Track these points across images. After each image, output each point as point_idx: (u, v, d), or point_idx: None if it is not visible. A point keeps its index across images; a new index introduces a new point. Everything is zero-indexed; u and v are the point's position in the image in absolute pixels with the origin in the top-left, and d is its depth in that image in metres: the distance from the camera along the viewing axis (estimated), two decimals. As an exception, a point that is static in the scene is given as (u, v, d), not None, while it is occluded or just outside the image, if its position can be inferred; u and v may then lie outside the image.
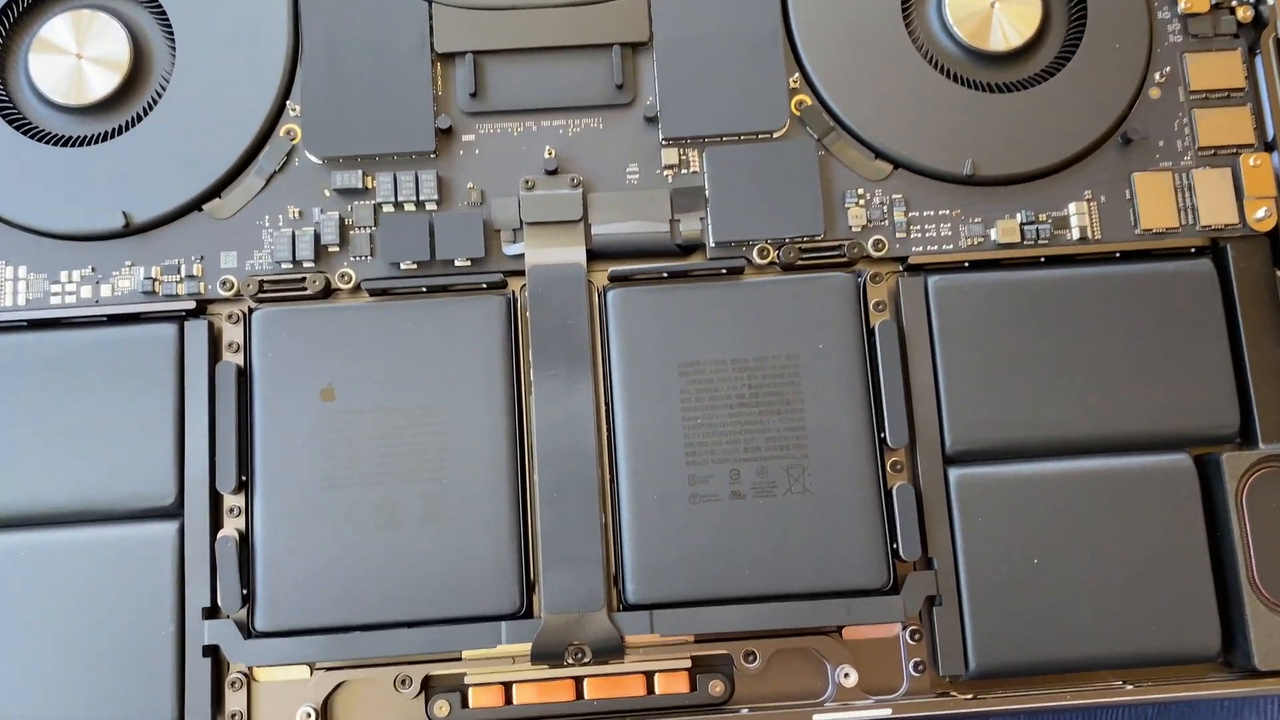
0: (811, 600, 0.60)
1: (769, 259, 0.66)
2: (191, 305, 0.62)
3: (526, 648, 0.58)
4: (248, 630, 0.62)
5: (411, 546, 0.62)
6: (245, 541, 0.62)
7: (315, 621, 0.61)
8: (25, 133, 0.67)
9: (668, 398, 0.64)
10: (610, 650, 0.61)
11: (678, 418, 0.64)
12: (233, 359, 0.61)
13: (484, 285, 0.65)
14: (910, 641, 0.63)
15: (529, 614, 0.60)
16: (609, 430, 0.64)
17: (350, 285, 0.63)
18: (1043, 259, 0.66)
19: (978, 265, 0.64)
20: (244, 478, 0.63)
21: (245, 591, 0.61)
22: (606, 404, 0.65)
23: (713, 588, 0.62)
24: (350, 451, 0.63)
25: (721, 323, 0.65)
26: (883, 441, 0.64)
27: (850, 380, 0.64)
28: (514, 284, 0.64)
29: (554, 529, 0.62)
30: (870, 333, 0.65)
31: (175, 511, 0.60)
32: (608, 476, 0.64)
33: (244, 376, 0.62)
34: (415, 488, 0.62)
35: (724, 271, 0.66)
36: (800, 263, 0.66)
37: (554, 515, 0.62)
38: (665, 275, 0.66)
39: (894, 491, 0.63)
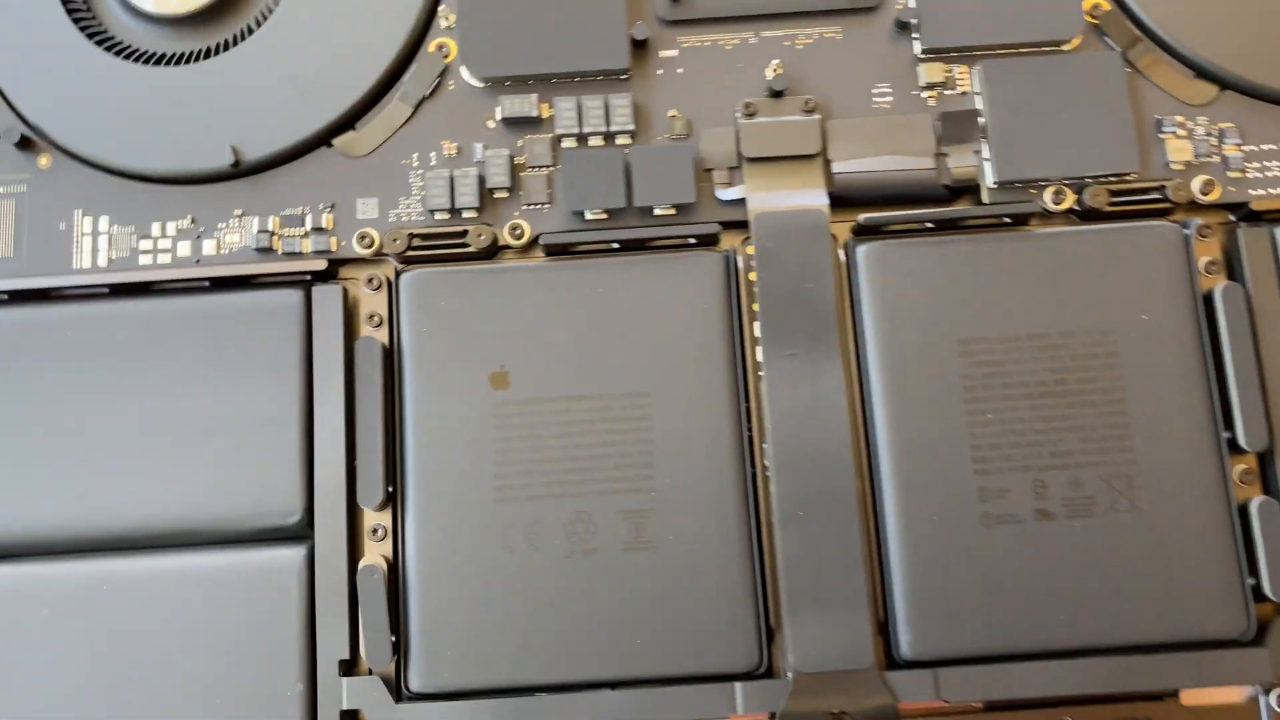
0: (1145, 655, 0.47)
1: (1065, 204, 0.51)
2: (321, 266, 0.48)
3: (772, 714, 0.46)
4: (398, 691, 0.47)
5: (612, 581, 0.47)
6: (394, 572, 0.47)
7: (488, 680, 0.46)
8: (108, 49, 0.53)
9: (945, 385, 0.48)
10: (882, 718, 0.45)
11: (960, 411, 0.48)
12: (375, 335, 0.46)
13: (693, 240, 0.50)
14: (1275, 707, 0.47)
15: (769, 673, 0.46)
16: (866, 427, 0.49)
17: (523, 241, 0.49)
18: None
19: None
20: (391, 489, 0.48)
21: (395, 639, 0.46)
22: (861, 393, 0.49)
23: (1013, 639, 0.47)
24: (529, 455, 0.48)
25: (1012, 287, 0.50)
26: (1230, 443, 0.48)
27: (1184, 362, 0.49)
28: (732, 239, 0.49)
29: (799, 559, 0.47)
30: (1207, 301, 0.49)
31: (303, 533, 0.47)
32: (867, 489, 0.48)
33: (390, 358, 0.48)
34: (614, 502, 0.47)
35: (1007, 221, 0.51)
36: (1108, 209, 0.51)
37: (798, 540, 0.47)
38: (930, 225, 0.51)
39: (1251, 508, 0.47)
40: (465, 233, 0.50)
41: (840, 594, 0.47)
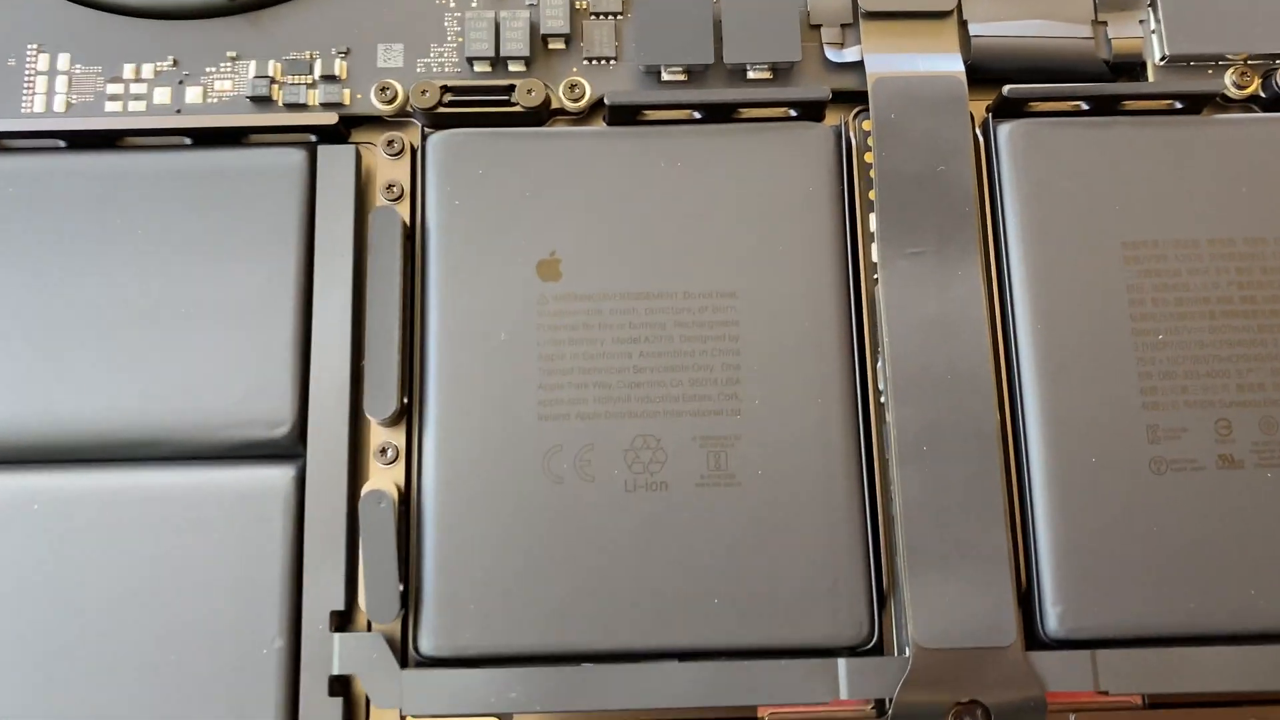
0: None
1: (1249, 89, 0.41)
2: (330, 121, 0.38)
3: (881, 700, 0.37)
4: (405, 653, 0.37)
5: (683, 524, 0.37)
6: (406, 505, 0.37)
7: (520, 644, 0.36)
8: None
9: (1106, 297, 0.39)
10: (1025, 711, 0.35)
11: (1124, 330, 0.38)
12: (394, 208, 0.37)
13: (795, 111, 0.40)
14: None
15: (880, 648, 0.35)
16: (1007, 346, 0.39)
17: (583, 103, 0.38)
18: None
19: None
20: (408, 399, 0.38)
21: (404, 588, 0.36)
22: (1002, 303, 0.39)
23: (1190, 617, 0.37)
24: (584, 363, 0.38)
25: (1187, 182, 0.40)
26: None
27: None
28: (843, 111, 0.39)
29: (922, 506, 0.37)
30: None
31: (292, 449, 0.38)
32: (1008, 423, 0.38)
33: (412, 237, 0.38)
34: (690, 426, 0.38)
35: (1178, 106, 0.41)
36: (1305, 95, 0.41)
37: (921, 483, 0.37)
38: (1085, 106, 0.41)
39: None
40: (512, 89, 0.40)
41: (974, 552, 0.37)
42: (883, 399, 0.38)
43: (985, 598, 0.36)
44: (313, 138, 0.41)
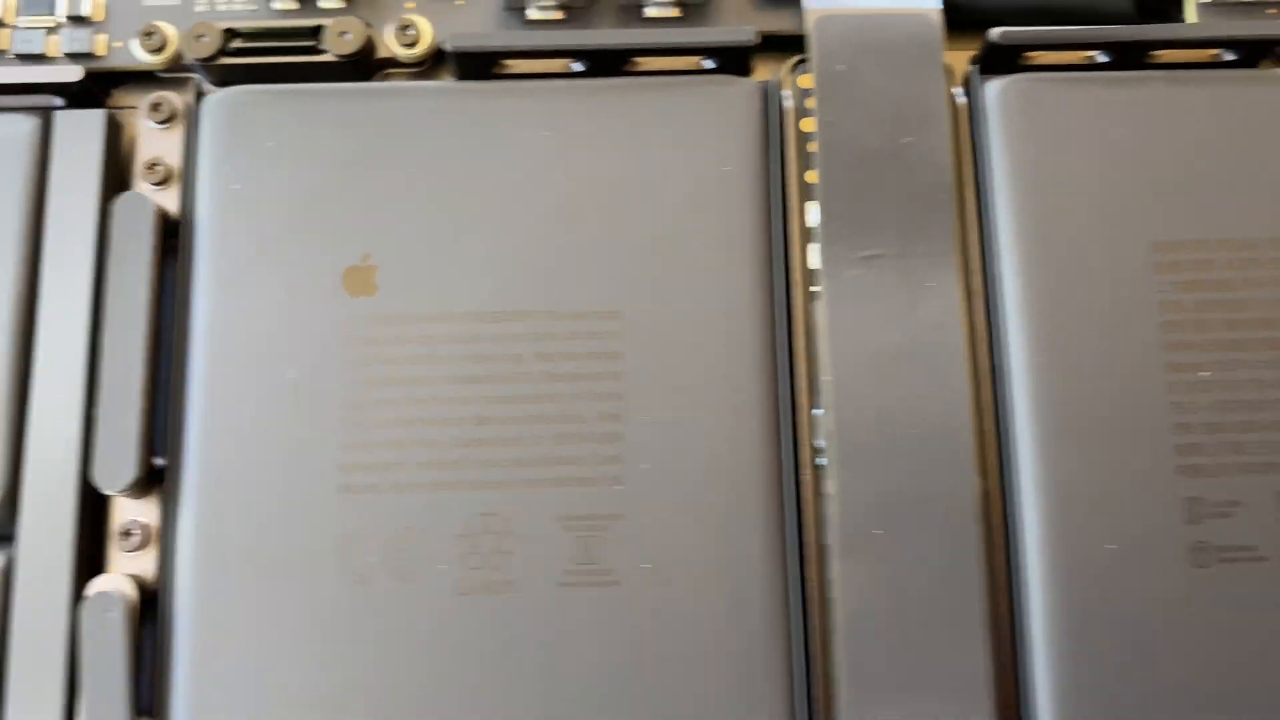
0: None
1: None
2: (74, 77, 0.27)
3: None
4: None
5: (538, 639, 0.27)
6: (154, 608, 0.27)
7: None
8: None
9: (1131, 316, 0.29)
10: None
11: (1156, 362, 0.28)
12: (154, 194, 0.26)
13: (710, 63, 0.29)
14: None
15: None
16: (998, 388, 0.29)
17: (420, 49, 0.27)
18: None
19: None
20: (161, 462, 0.27)
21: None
22: (991, 328, 0.29)
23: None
24: (403, 411, 0.27)
25: (1240, 162, 0.29)
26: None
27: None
28: (775, 63, 0.27)
29: (871, 620, 0.26)
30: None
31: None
32: (994, 493, 0.28)
33: (174, 233, 0.27)
34: (549, 502, 0.27)
35: (1227, 58, 0.31)
36: None
37: (872, 585, 0.27)
38: (1103, 58, 0.31)
39: None
40: (318, 30, 0.30)
41: (944, 682, 0.26)
42: (820, 461, 0.28)
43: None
44: (56, 100, 0.30)
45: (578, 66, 0.30)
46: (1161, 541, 0.27)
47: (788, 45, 0.31)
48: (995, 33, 0.30)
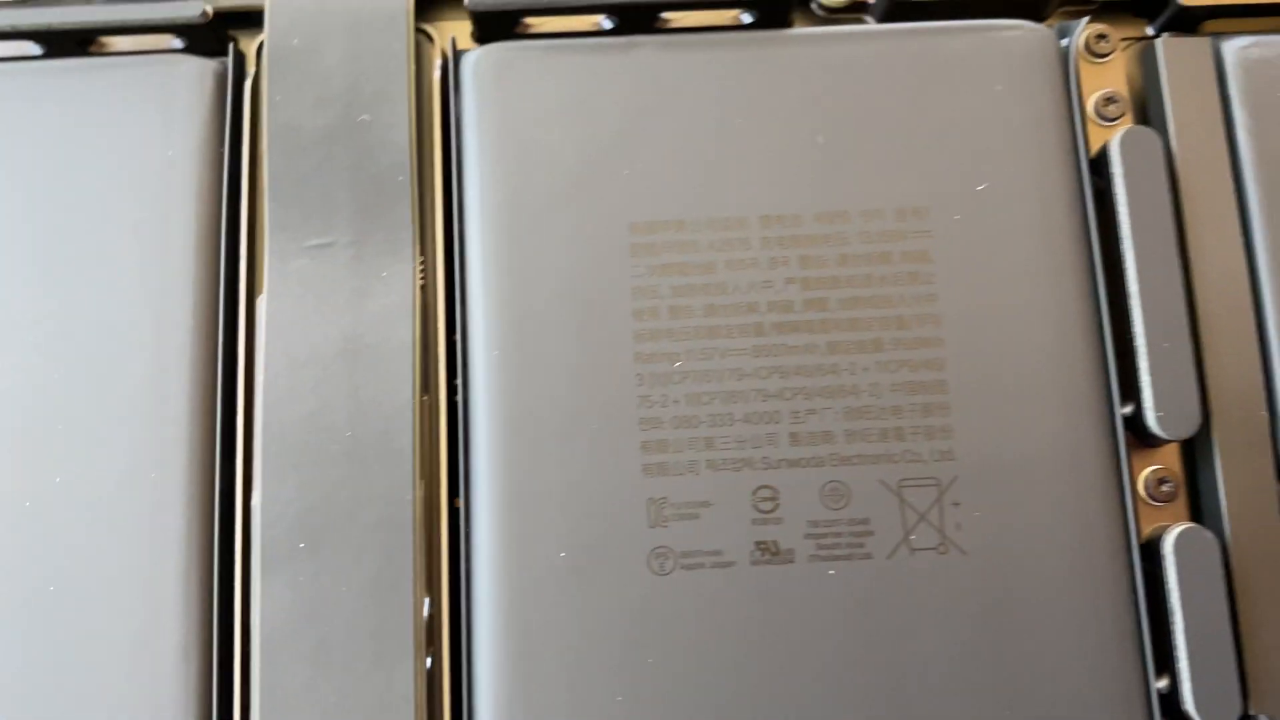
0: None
1: (852, -9, 0.29)
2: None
3: None
4: None
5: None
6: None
7: None
8: None
9: (601, 305, 0.26)
10: None
11: (626, 353, 0.26)
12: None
13: (179, 42, 0.27)
14: None
15: None
16: (460, 386, 0.26)
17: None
18: None
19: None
20: None
21: None
22: (453, 319, 0.27)
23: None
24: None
25: (736, 133, 0.27)
26: (1130, 420, 0.26)
27: (1051, 266, 0.26)
28: (244, 42, 0.26)
29: (292, 638, 0.24)
30: (1098, 161, 0.27)
31: None
32: (438, 504, 0.26)
33: None
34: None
35: (747, 20, 0.28)
36: (926, -3, 0.28)
37: (294, 602, 0.24)
38: (606, 24, 0.28)
39: (1165, 546, 0.25)
40: None
41: (369, 692, 0.24)
42: (254, 465, 0.26)
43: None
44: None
45: (37, 51, 0.28)
46: (620, 547, 0.25)
47: (255, 21, 0.28)
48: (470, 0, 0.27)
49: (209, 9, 0.27)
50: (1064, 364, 0.26)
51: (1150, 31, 0.29)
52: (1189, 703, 0.24)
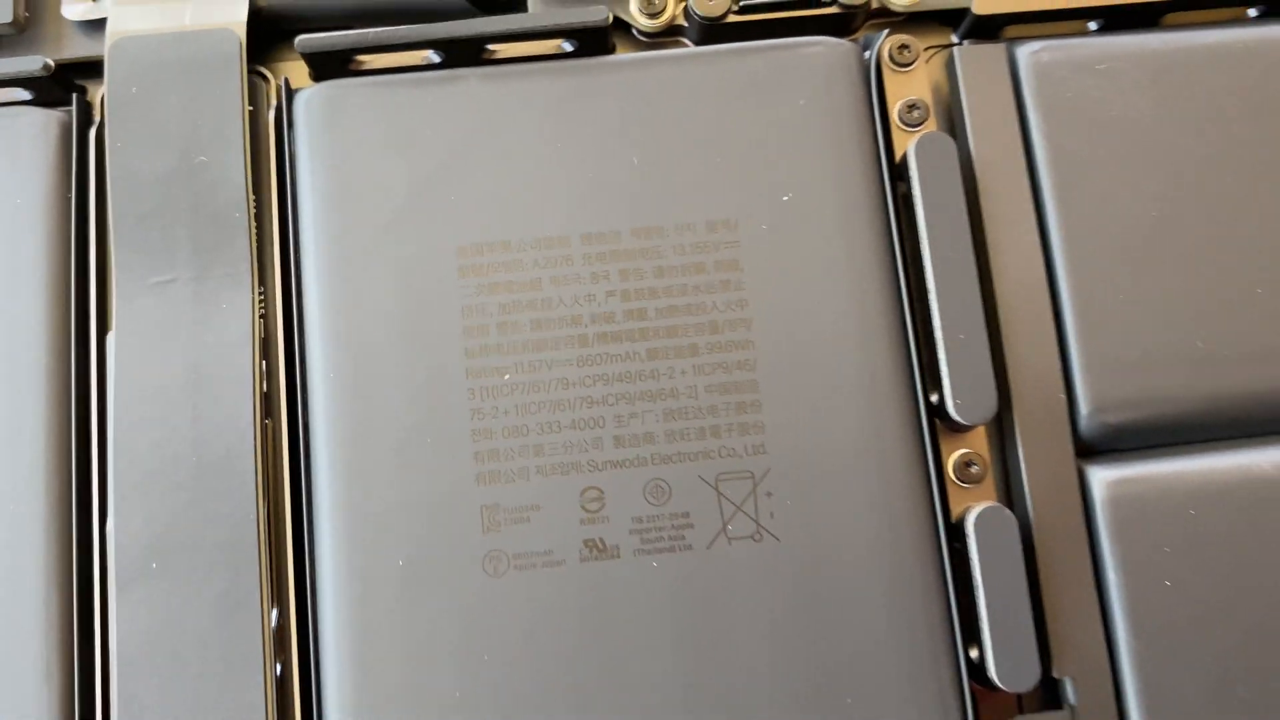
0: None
1: (666, 15, 0.30)
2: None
3: None
4: None
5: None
6: None
7: None
8: None
9: (434, 325, 0.28)
10: None
11: (457, 369, 0.27)
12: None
13: (26, 94, 0.29)
14: None
15: None
16: (299, 408, 0.28)
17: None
18: None
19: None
20: None
21: None
22: (292, 344, 0.28)
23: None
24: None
25: (556, 159, 0.28)
26: (935, 408, 0.28)
27: (855, 268, 0.28)
28: (94, 91, 0.27)
29: (146, 659, 0.26)
30: (903, 164, 0.29)
31: None
32: (284, 523, 0.27)
33: None
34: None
35: (567, 49, 0.30)
36: (733, 18, 0.30)
37: (148, 623, 0.26)
38: (435, 58, 0.30)
39: (968, 524, 0.27)
40: None
41: (222, 706, 0.25)
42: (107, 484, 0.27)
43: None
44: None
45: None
46: (456, 553, 0.26)
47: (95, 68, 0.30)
48: (299, 41, 0.29)
49: (50, 62, 0.29)
50: (869, 359, 0.27)
51: (955, 40, 0.31)
52: (992, 670, 0.26)
